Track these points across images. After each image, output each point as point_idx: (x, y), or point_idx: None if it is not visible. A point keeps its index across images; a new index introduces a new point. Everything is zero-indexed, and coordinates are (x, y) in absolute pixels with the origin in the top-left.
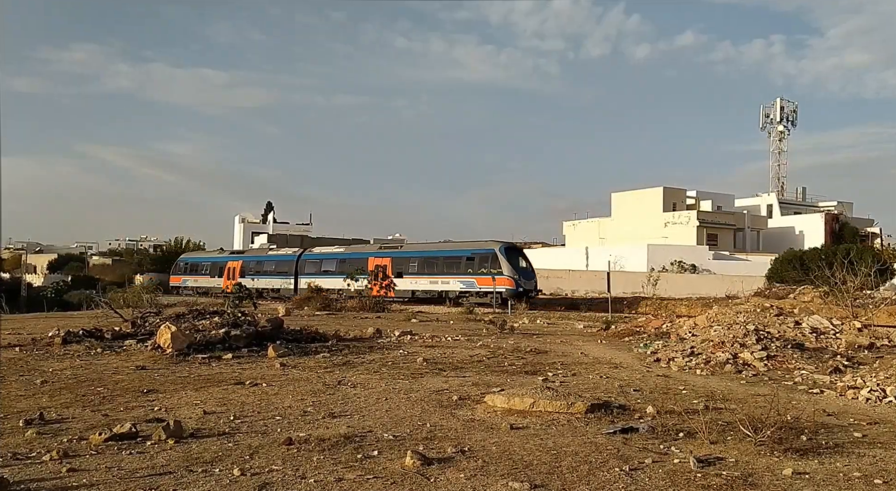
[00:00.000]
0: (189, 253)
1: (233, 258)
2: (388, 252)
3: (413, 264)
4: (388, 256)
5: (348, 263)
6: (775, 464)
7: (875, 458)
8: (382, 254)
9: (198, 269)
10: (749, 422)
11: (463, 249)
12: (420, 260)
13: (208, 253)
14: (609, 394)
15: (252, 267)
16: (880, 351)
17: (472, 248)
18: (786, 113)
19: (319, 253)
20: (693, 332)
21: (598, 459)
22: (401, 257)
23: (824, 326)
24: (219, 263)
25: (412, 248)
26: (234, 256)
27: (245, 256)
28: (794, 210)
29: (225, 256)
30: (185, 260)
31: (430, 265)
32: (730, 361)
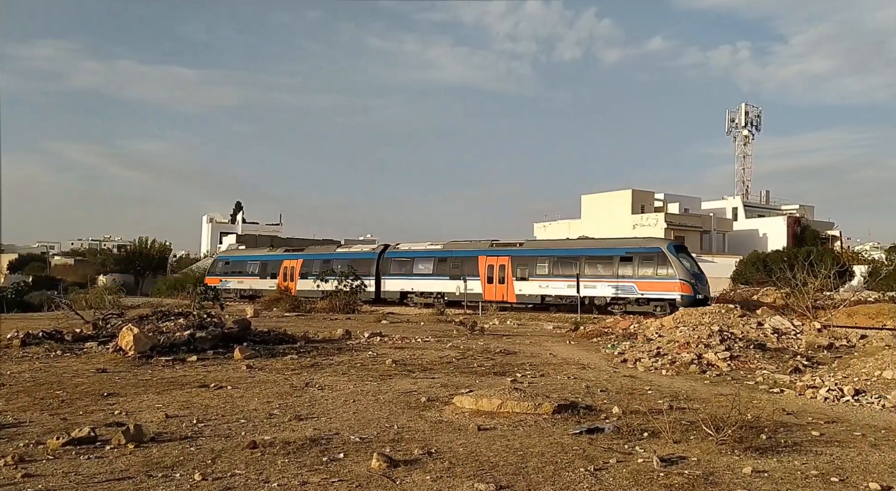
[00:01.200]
0: (229, 251)
1: (290, 256)
2: (507, 250)
3: (542, 264)
4: (508, 254)
5: (451, 262)
6: (735, 463)
7: (832, 456)
8: (499, 252)
9: (243, 269)
10: (711, 421)
11: (615, 248)
12: (552, 259)
13: (254, 251)
14: (576, 394)
15: (316, 266)
16: (839, 351)
17: (629, 245)
18: (750, 118)
19: (409, 250)
20: (660, 332)
21: (564, 460)
22: (525, 256)
23: (786, 327)
24: (271, 262)
25: (539, 245)
26: (291, 255)
27: (306, 254)
28: (759, 213)
29: (278, 253)
30: (226, 259)
31: (567, 265)
32: (694, 361)
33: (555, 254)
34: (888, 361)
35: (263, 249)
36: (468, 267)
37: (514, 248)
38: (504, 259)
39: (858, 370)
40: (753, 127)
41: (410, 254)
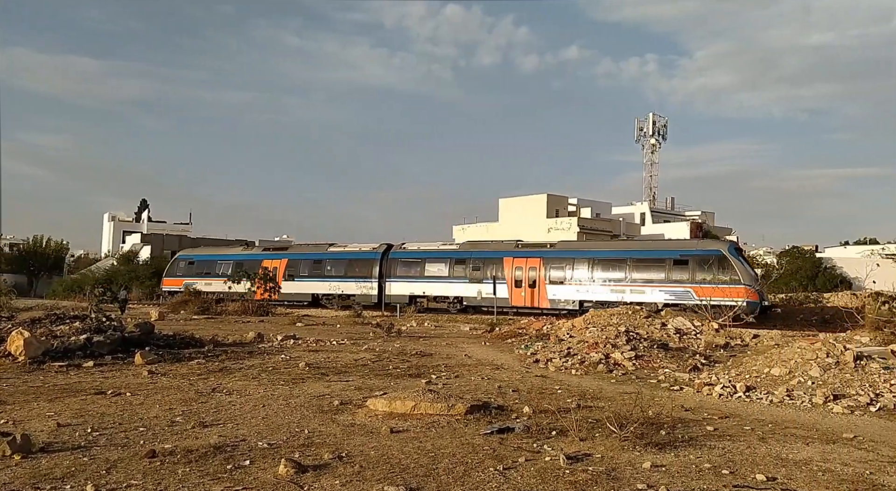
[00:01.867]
0: (193, 249)
1: (272, 256)
2: (538, 251)
3: (580, 267)
4: (539, 255)
5: (470, 263)
6: (636, 458)
7: (724, 450)
8: (530, 253)
9: (211, 269)
10: (615, 419)
11: (667, 249)
12: (591, 261)
13: (225, 249)
14: (489, 395)
15: (304, 267)
16: (734, 350)
17: (684, 247)
18: (657, 127)
19: (419, 251)
20: (571, 333)
21: (475, 460)
22: (561, 258)
23: (687, 328)
24: (247, 262)
25: (575, 246)
26: (273, 254)
27: (292, 253)
28: (664, 218)
29: (256, 252)
30: (189, 258)
31: (610, 268)
32: (602, 361)
33: (596, 255)
34: (776, 359)
35: (237, 248)
36: (492, 269)
37: (546, 248)
38: (535, 261)
39: (750, 368)
40: (660, 136)
41: (420, 254)
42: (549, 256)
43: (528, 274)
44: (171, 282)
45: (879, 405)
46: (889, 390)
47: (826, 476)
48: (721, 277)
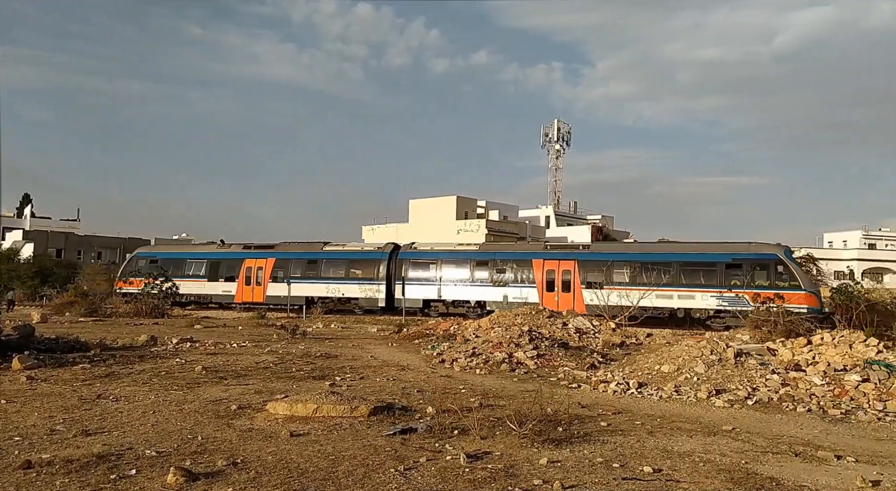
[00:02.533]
0: (155, 246)
1: (256, 255)
2: (572, 253)
3: (622, 271)
4: (573, 258)
5: (494, 265)
6: (534, 455)
7: (615, 444)
8: (562, 255)
9: (181, 269)
10: (516, 417)
11: (718, 252)
12: (633, 264)
13: (195, 246)
14: (393, 396)
15: (296, 268)
16: (629, 348)
17: (736, 250)
18: (562, 133)
19: (433, 251)
20: (477, 333)
21: (376, 462)
22: (598, 261)
23: (586, 327)
24: (225, 262)
25: (612, 248)
26: (258, 252)
27: (280, 252)
28: (568, 221)
29: (235, 251)
30: (152, 256)
31: (654, 271)
32: (506, 360)
33: (639, 259)
34: (666, 357)
35: (210, 245)
36: (520, 272)
37: (579, 250)
38: (568, 263)
39: (642, 365)
40: (564, 142)
41: (436, 255)
42: (585, 258)
43: (562, 277)
44: (129, 284)
45: (756, 399)
46: (764, 385)
47: (706, 466)
48: (779, 283)
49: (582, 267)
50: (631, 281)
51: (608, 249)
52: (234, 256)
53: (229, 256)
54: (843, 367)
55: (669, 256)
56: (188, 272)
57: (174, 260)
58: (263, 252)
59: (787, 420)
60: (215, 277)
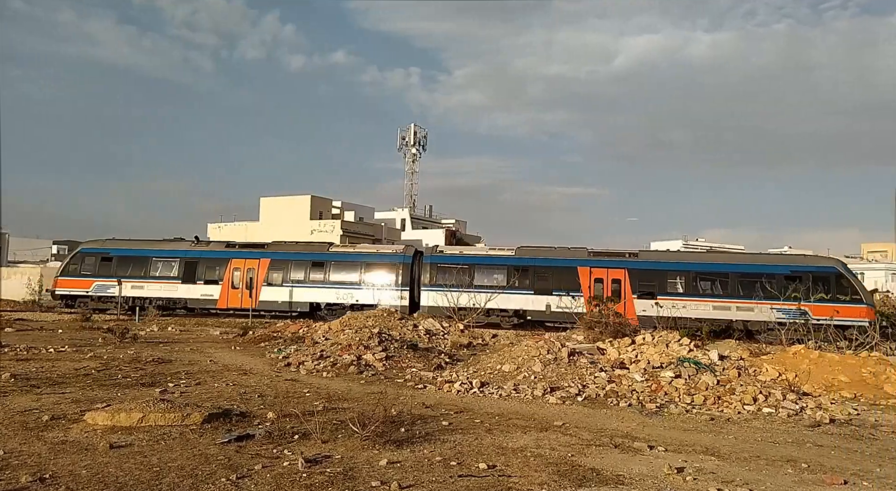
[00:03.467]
0: (101, 242)
1: (246, 254)
2: (620, 261)
3: (674, 281)
4: (622, 266)
5: (534, 272)
6: (375, 456)
7: (455, 442)
8: (610, 263)
9: (144, 269)
10: (359, 419)
11: (776, 264)
12: (690, 275)
13: (163, 243)
14: (232, 402)
15: (299, 270)
16: (476, 349)
17: (794, 263)
18: (418, 138)
19: (462, 255)
20: (327, 335)
21: (206, 471)
22: (650, 269)
23: (436, 329)
24: (205, 261)
25: (662, 257)
26: (249, 252)
27: (277, 252)
28: (423, 225)
29: (216, 249)
30: (106, 252)
31: (709, 282)
32: (354, 362)
33: (694, 268)
34: (507, 357)
35: (180, 242)
36: (563, 280)
37: (625, 258)
38: (618, 272)
39: (485, 365)
40: (421, 147)
41: (468, 260)
42: (637, 266)
43: (611, 286)
44: (72, 283)
45: (585, 395)
46: (593, 382)
47: (536, 460)
48: (840, 296)
49: (633, 276)
50: (686, 291)
51: (660, 257)
52: (218, 255)
53: (211, 255)
54: (661, 364)
55: (726, 266)
56: (154, 273)
57: (134, 258)
58: (255, 252)
59: (610, 414)
60: (192, 278)
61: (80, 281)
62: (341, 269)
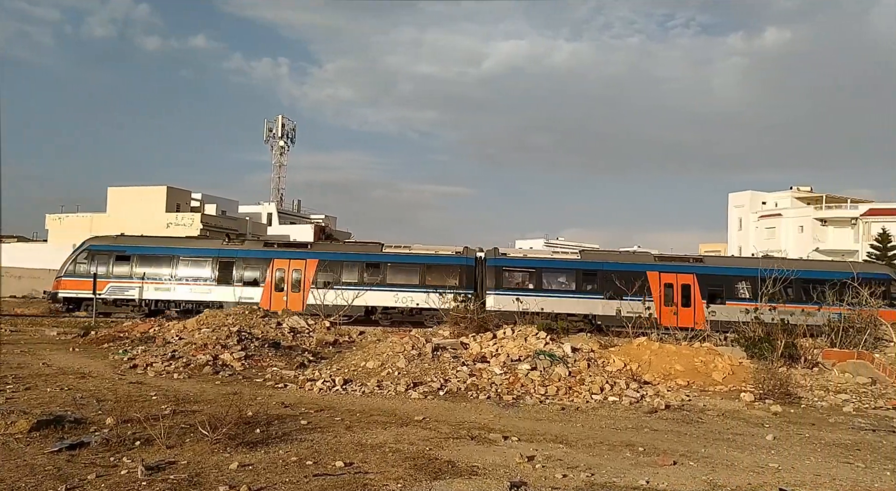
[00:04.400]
0: (120, 238)
1: (290, 254)
2: (690, 266)
3: (740, 286)
4: (691, 271)
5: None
6: (225, 460)
7: (312, 441)
8: (679, 268)
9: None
10: (210, 422)
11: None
12: (755, 281)
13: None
14: (66, 407)
15: (352, 272)
16: (342, 346)
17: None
18: (286, 130)
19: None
20: (181, 335)
21: (31, 483)
22: (718, 275)
23: (301, 326)
24: (241, 261)
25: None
26: (292, 252)
27: (323, 252)
28: (291, 220)
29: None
30: (117, 250)
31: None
32: (210, 362)
33: (760, 274)
34: (372, 353)
35: (210, 240)
36: (634, 284)
37: (689, 263)
38: (687, 277)
39: (350, 363)
40: (289, 139)
41: (533, 263)
42: (705, 272)
43: (681, 291)
44: (80, 284)
45: (447, 389)
46: (455, 376)
47: (394, 456)
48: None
49: (702, 281)
50: (750, 296)
51: (724, 263)
52: (258, 254)
53: (250, 254)
54: (519, 357)
55: (793, 272)
56: (182, 273)
57: (158, 256)
58: (300, 252)
59: (470, 408)
60: (227, 279)
61: (90, 282)
62: (399, 270)
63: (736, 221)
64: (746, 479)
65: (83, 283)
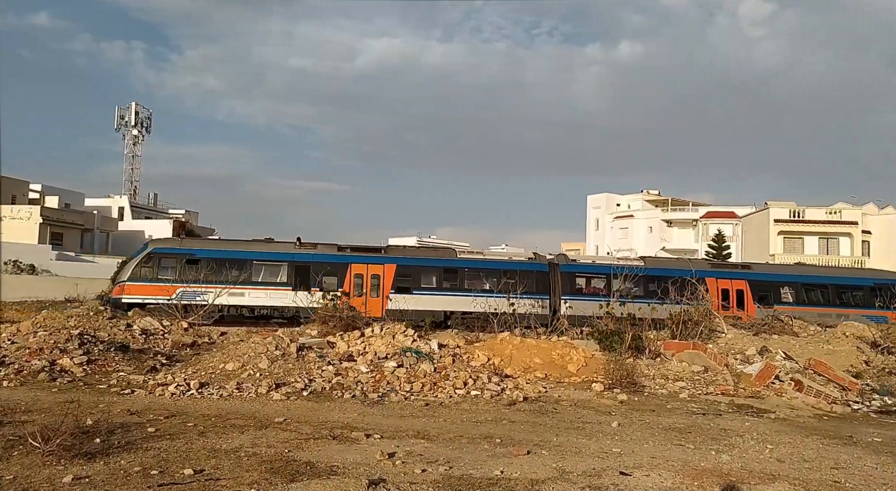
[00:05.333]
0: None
1: (368, 259)
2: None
3: (786, 291)
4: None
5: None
6: (58, 473)
7: (160, 449)
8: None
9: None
10: (42, 433)
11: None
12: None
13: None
14: None
15: (430, 277)
16: (201, 348)
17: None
18: (141, 118)
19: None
20: (13, 338)
21: None
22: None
23: (155, 328)
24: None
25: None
26: (371, 257)
27: (401, 257)
28: (146, 214)
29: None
30: (186, 254)
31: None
32: (46, 368)
33: (801, 280)
34: (232, 355)
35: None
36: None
37: (739, 270)
38: (740, 283)
39: (207, 365)
40: (144, 128)
41: (602, 269)
42: (756, 278)
43: (735, 296)
44: (147, 289)
45: (311, 389)
46: (320, 376)
47: (250, 460)
48: None
49: (752, 287)
50: (795, 300)
51: (772, 270)
52: (336, 259)
53: (327, 258)
54: (387, 355)
55: (826, 279)
56: (256, 278)
57: (230, 261)
58: (379, 257)
59: (334, 407)
60: (304, 285)
61: (158, 287)
62: (475, 276)
63: (594, 222)
64: (592, 464)
65: (149, 287)
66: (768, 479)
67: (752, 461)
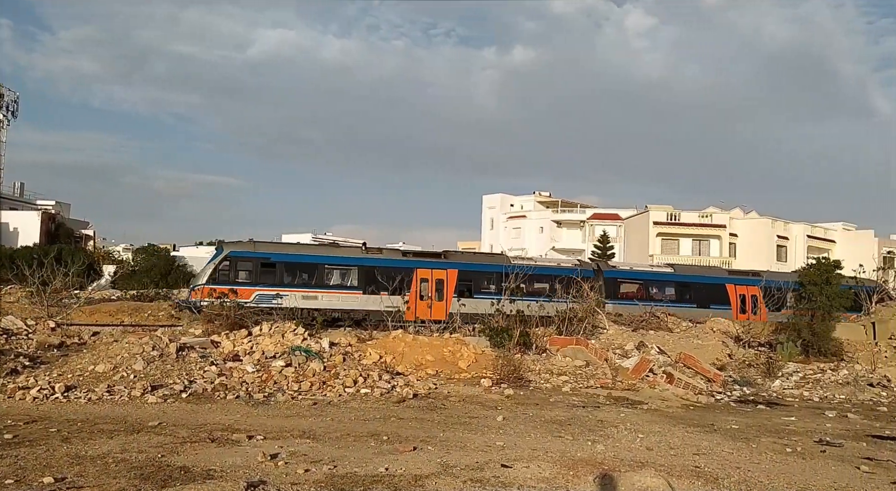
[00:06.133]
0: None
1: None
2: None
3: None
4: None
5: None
6: None
7: (17, 457)
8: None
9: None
10: None
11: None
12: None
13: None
14: None
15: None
16: (69, 349)
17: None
18: (7, 101)
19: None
20: None
21: None
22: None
23: (18, 328)
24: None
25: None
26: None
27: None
28: (11, 205)
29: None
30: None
31: None
32: None
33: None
34: (103, 356)
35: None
36: (717, 295)
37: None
38: (754, 289)
39: (75, 367)
40: (10, 112)
41: (640, 275)
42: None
43: (751, 301)
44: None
45: (191, 391)
46: (202, 376)
47: (118, 466)
48: None
49: (764, 292)
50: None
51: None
52: (402, 264)
53: (394, 263)
54: (275, 354)
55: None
56: (328, 281)
57: (303, 264)
58: (440, 262)
59: (216, 408)
60: (373, 288)
61: (237, 290)
62: (528, 281)
63: (489, 221)
64: (476, 458)
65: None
66: (637, 466)
67: (624, 450)
